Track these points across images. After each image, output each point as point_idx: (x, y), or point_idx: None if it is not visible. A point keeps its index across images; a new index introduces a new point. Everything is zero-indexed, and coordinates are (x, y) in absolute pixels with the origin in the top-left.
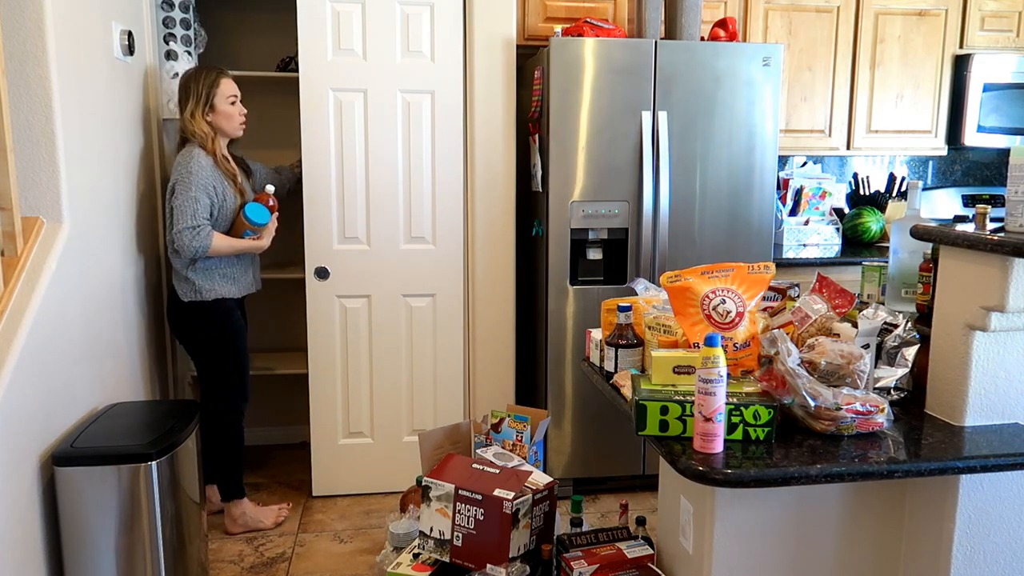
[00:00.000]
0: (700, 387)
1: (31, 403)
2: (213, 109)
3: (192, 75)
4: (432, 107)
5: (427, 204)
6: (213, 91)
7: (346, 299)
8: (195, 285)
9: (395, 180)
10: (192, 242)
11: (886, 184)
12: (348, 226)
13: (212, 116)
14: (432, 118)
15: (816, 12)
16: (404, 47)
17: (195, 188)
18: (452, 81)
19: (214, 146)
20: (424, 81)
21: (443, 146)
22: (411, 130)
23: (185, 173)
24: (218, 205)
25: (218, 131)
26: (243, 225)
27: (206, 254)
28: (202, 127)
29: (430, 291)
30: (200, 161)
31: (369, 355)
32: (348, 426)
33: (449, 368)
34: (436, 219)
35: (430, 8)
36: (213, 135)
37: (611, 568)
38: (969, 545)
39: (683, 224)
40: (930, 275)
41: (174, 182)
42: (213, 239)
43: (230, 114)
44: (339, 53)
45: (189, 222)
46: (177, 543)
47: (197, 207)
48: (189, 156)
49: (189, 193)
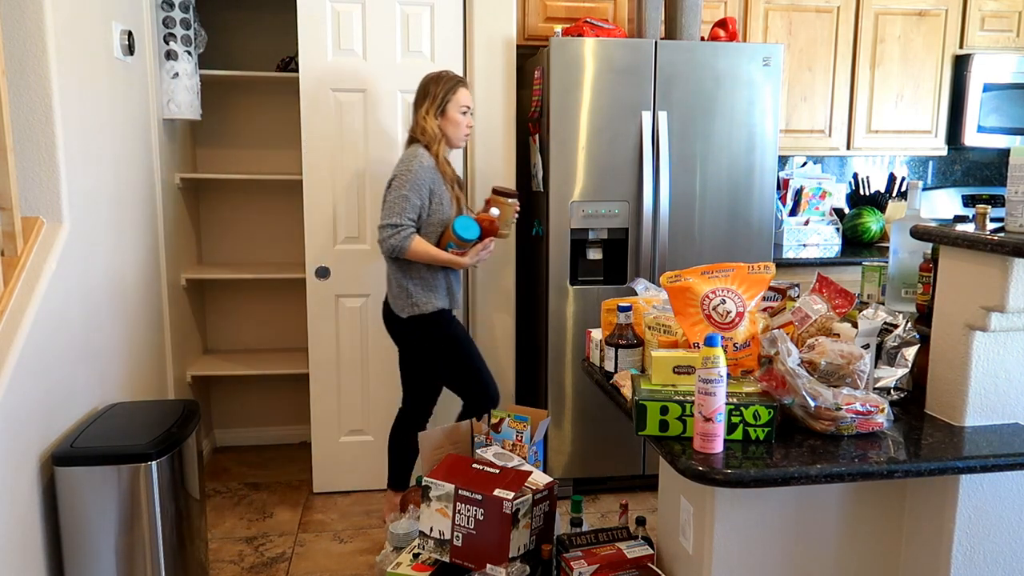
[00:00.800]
0: (700, 387)
1: (31, 403)
2: (444, 114)
3: (433, 78)
4: None
5: None
6: (448, 97)
7: (346, 299)
8: (412, 298)
9: None
10: (391, 239)
11: (886, 184)
12: (348, 226)
13: (441, 120)
14: None
15: (816, 12)
16: (404, 47)
17: (409, 187)
18: None
19: (438, 148)
20: None
21: None
22: None
23: (405, 171)
24: (431, 208)
25: (444, 136)
26: (450, 236)
27: (403, 255)
28: (432, 127)
29: None
30: (422, 161)
31: (369, 354)
32: (348, 423)
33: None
34: None
35: (430, 8)
36: (440, 137)
37: (611, 568)
38: (969, 545)
39: (683, 224)
40: (930, 275)
41: (392, 177)
42: (413, 241)
43: (458, 122)
44: (339, 53)
45: (394, 220)
46: (177, 543)
47: (406, 206)
48: (414, 155)
49: (402, 191)
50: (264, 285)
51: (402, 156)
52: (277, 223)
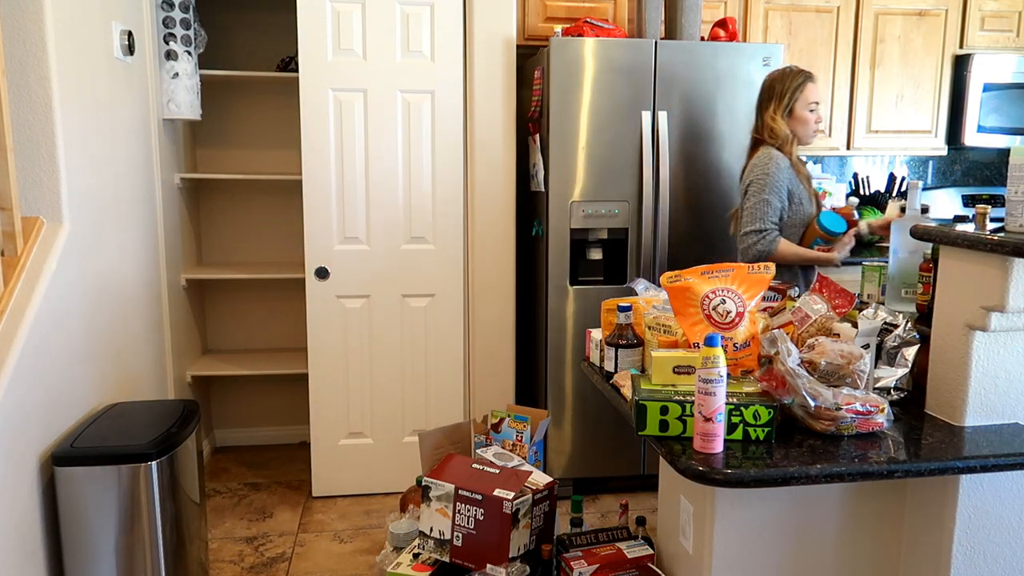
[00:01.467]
0: (700, 387)
1: (31, 403)
2: (792, 113)
3: (778, 76)
4: (432, 107)
5: (428, 204)
6: (796, 95)
7: (346, 299)
8: None
9: (395, 180)
10: (757, 245)
11: (886, 184)
12: (348, 226)
13: (789, 120)
14: (432, 118)
15: (816, 12)
16: (404, 47)
17: (768, 190)
18: (452, 81)
19: (791, 148)
20: (424, 81)
21: (443, 146)
22: (411, 130)
23: (762, 175)
24: (792, 209)
25: (794, 135)
26: (815, 233)
27: (769, 259)
28: (782, 128)
29: (430, 291)
30: (778, 163)
31: (369, 355)
32: (348, 426)
33: (449, 368)
34: (436, 219)
35: (430, 8)
36: (791, 138)
37: (611, 568)
38: (969, 545)
39: (683, 224)
40: (930, 275)
41: (748, 183)
42: (779, 244)
43: (807, 120)
44: (339, 53)
45: (757, 225)
46: (177, 543)
47: (768, 210)
48: (768, 158)
49: (761, 195)
50: (264, 285)
51: (753, 161)
52: (277, 223)
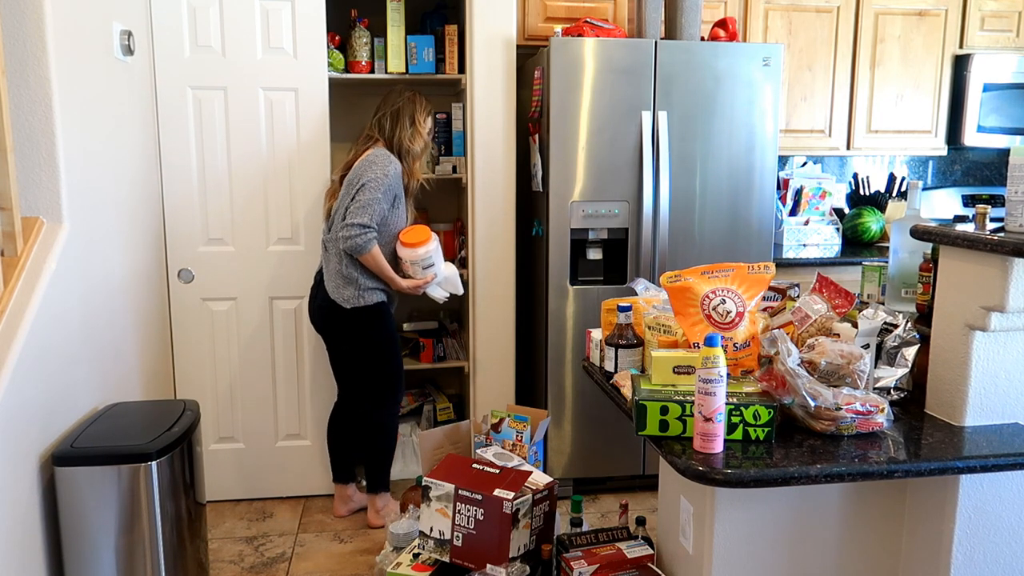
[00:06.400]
0: (700, 387)
1: (31, 403)
2: None
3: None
4: (296, 105)
5: (296, 204)
6: None
7: (212, 302)
8: (360, 290)
9: (260, 180)
10: (358, 238)
11: (886, 184)
12: (213, 227)
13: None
14: (296, 116)
15: (816, 12)
16: (265, 43)
17: (381, 190)
18: (316, 78)
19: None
20: (287, 78)
21: (308, 145)
22: (275, 129)
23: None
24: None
25: None
26: None
27: (360, 256)
28: None
29: (299, 294)
30: (397, 168)
31: (237, 358)
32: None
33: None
34: (303, 219)
35: (291, 3)
36: None
37: (611, 568)
38: (969, 545)
39: (683, 224)
40: (930, 275)
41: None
42: (374, 247)
43: None
44: (197, 50)
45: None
46: (177, 543)
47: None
48: (387, 159)
49: (375, 194)
50: None
51: (370, 157)
52: None
